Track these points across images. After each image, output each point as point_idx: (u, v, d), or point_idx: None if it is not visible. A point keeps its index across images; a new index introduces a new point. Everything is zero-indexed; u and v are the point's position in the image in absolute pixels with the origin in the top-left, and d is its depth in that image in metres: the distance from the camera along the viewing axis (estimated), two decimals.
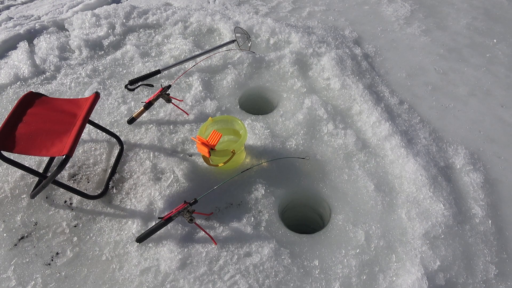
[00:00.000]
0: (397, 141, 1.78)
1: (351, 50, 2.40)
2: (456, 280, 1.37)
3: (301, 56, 2.25)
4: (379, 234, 1.47)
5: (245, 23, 2.46)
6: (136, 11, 2.61)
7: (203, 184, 1.61)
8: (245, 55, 2.21)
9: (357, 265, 1.38)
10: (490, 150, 1.87)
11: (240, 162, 1.69)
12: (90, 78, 2.12)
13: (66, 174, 1.66)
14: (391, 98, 2.08)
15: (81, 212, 1.53)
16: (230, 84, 2.08)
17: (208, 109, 1.93)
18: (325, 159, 1.73)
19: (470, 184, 1.69)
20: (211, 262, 1.36)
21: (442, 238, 1.46)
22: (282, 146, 1.77)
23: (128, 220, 1.49)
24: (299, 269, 1.37)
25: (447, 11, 2.90)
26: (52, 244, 1.44)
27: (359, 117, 1.94)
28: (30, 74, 2.11)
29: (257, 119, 1.92)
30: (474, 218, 1.56)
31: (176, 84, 2.07)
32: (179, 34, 2.44)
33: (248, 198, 1.57)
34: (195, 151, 1.74)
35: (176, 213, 1.36)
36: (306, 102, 1.96)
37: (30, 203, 1.56)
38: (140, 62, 2.21)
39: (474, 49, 2.53)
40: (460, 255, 1.43)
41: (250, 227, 1.47)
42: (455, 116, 2.05)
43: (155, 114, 1.91)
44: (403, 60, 2.40)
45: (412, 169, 1.67)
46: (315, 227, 1.66)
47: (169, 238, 1.42)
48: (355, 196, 1.60)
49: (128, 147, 1.77)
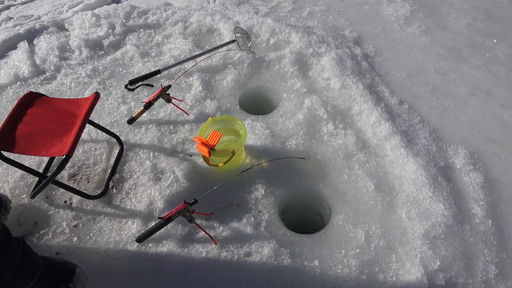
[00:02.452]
0: (397, 141, 1.78)
1: (351, 50, 2.40)
2: (456, 280, 1.37)
3: (301, 56, 2.25)
4: (379, 234, 1.47)
5: (245, 23, 2.46)
6: (136, 11, 2.61)
7: (203, 184, 1.61)
8: (245, 55, 2.21)
9: (357, 265, 1.38)
10: (490, 150, 1.87)
11: (240, 162, 1.69)
12: (90, 78, 2.12)
13: (66, 174, 1.66)
14: (391, 98, 2.08)
15: (81, 212, 1.53)
16: (230, 84, 2.08)
17: (208, 109, 1.93)
18: (325, 159, 1.73)
19: (470, 184, 1.69)
20: (211, 262, 1.36)
21: (442, 238, 1.46)
22: (282, 146, 1.77)
23: (128, 220, 1.49)
24: (299, 269, 1.37)
25: (447, 11, 2.90)
26: (52, 244, 1.44)
27: (359, 117, 1.94)
28: (30, 74, 2.11)
29: (257, 119, 1.92)
30: (474, 218, 1.56)
31: (176, 84, 2.07)
32: (179, 34, 2.44)
33: (248, 198, 1.57)
34: (195, 151, 1.74)
35: (176, 213, 1.36)
36: (306, 102, 1.96)
37: (30, 203, 1.56)
38: (140, 62, 2.21)
39: (474, 49, 2.53)
40: (460, 255, 1.43)
41: (250, 227, 1.47)
42: (455, 116, 2.05)
43: (155, 114, 1.91)
44: (403, 60, 2.40)
45: (412, 169, 1.67)
46: (315, 227, 1.66)
47: (169, 238, 1.42)
48: (355, 196, 1.60)
49: (128, 147, 1.77)
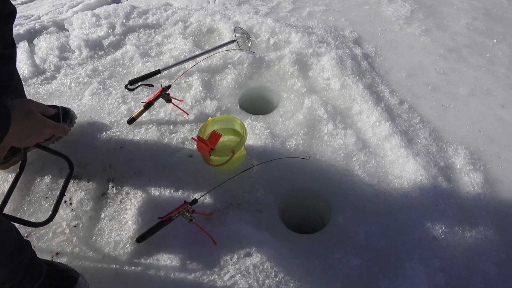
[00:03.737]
0: (397, 141, 1.78)
1: (351, 50, 2.40)
2: (456, 280, 1.37)
3: (301, 56, 2.25)
4: (379, 234, 1.47)
5: (245, 23, 2.46)
6: (136, 11, 2.61)
7: (203, 184, 1.61)
8: (245, 55, 2.21)
9: (357, 265, 1.38)
10: (490, 150, 1.87)
11: (240, 162, 1.69)
12: (90, 78, 2.12)
13: (66, 174, 1.65)
14: (391, 98, 2.08)
15: (81, 212, 1.53)
16: (230, 84, 2.08)
17: (208, 109, 1.93)
18: (325, 159, 1.73)
19: (470, 184, 1.69)
20: (211, 262, 1.36)
21: (442, 238, 1.46)
22: (282, 146, 1.77)
23: (128, 220, 1.49)
24: (299, 269, 1.37)
25: (447, 11, 2.90)
26: (52, 244, 1.44)
27: (359, 117, 1.94)
28: (30, 74, 2.11)
29: (257, 119, 1.92)
30: (474, 218, 1.56)
31: (176, 84, 2.07)
32: (179, 34, 2.44)
33: (248, 198, 1.57)
34: (195, 151, 1.74)
35: (176, 213, 1.36)
36: (306, 102, 1.96)
37: (30, 203, 1.56)
38: (140, 62, 2.21)
39: (474, 49, 2.53)
40: (460, 255, 1.43)
41: (250, 227, 1.47)
42: (455, 116, 2.05)
43: (155, 114, 1.91)
44: (403, 60, 2.40)
45: (412, 169, 1.67)
46: (315, 227, 1.66)
47: (169, 238, 1.42)
48: (355, 196, 1.60)
49: (128, 147, 1.77)
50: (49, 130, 1.12)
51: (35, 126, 1.07)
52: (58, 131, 1.16)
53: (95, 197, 1.59)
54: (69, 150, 1.73)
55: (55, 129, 1.14)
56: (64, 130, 1.18)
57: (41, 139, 1.12)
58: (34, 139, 1.09)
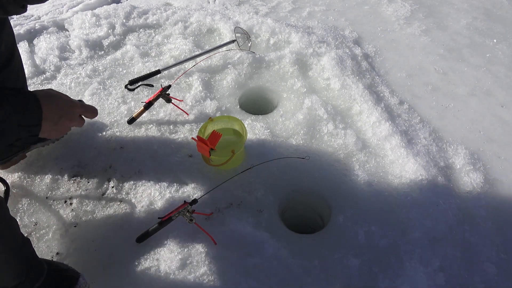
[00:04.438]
0: (397, 141, 1.78)
1: (351, 50, 2.40)
2: (456, 280, 1.37)
3: (301, 56, 2.25)
4: (379, 234, 1.47)
5: (245, 23, 2.46)
6: (136, 11, 2.61)
7: (203, 184, 1.61)
8: (245, 55, 2.21)
9: (357, 265, 1.38)
10: (490, 150, 1.87)
11: (240, 162, 1.69)
12: (90, 78, 2.12)
13: (66, 174, 1.66)
14: (391, 98, 2.08)
15: (81, 212, 1.53)
16: (230, 84, 2.08)
17: (208, 109, 1.94)
18: (325, 159, 1.73)
19: (470, 184, 1.69)
20: (211, 262, 1.36)
21: (442, 238, 1.46)
22: (282, 146, 1.77)
23: (128, 220, 1.49)
24: (299, 269, 1.37)
25: (447, 11, 2.90)
26: (52, 244, 1.44)
27: (359, 117, 1.94)
28: (30, 74, 2.11)
29: (257, 119, 1.92)
30: (474, 218, 1.56)
31: (176, 84, 2.07)
32: (179, 34, 2.44)
33: (248, 198, 1.57)
34: (195, 151, 1.74)
35: (176, 213, 1.36)
36: (306, 102, 1.96)
37: (30, 203, 1.56)
38: (140, 62, 2.21)
39: (474, 49, 2.53)
40: (460, 255, 1.43)
41: (250, 227, 1.47)
42: (455, 116, 2.05)
43: (155, 114, 1.91)
44: (403, 60, 2.40)
45: (412, 169, 1.67)
46: (315, 227, 1.66)
47: (169, 238, 1.42)
48: (355, 196, 1.60)
49: (128, 147, 1.77)
50: (77, 109, 1.12)
51: (64, 106, 1.08)
52: (87, 111, 1.15)
53: (95, 197, 1.59)
54: (69, 150, 1.73)
55: (83, 108, 1.14)
56: (93, 110, 1.17)
57: (73, 120, 1.12)
58: (66, 122, 1.10)
